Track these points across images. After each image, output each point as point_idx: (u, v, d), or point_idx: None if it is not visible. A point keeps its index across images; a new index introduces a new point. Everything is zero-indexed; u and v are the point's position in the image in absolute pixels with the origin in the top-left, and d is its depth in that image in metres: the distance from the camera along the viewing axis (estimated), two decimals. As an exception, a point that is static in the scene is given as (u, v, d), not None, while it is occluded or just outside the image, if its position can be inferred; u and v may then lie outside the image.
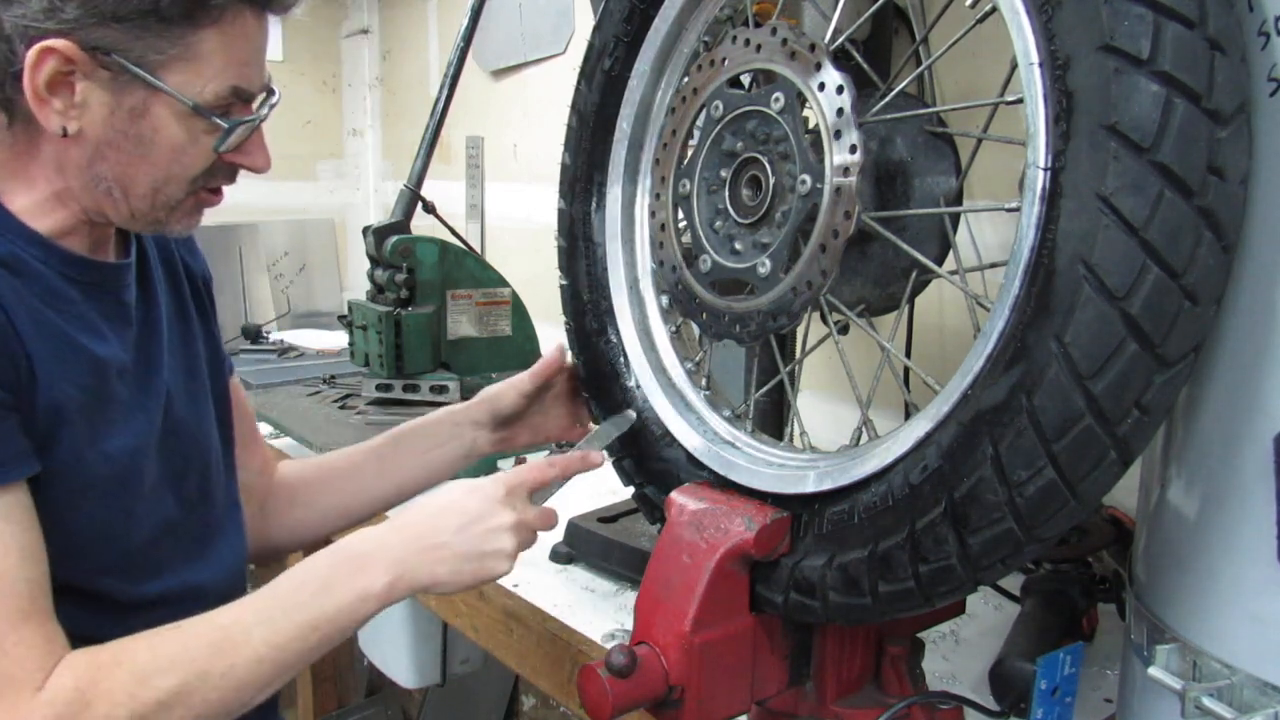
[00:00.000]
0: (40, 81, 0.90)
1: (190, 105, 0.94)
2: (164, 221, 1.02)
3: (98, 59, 0.90)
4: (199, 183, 1.01)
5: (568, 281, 1.26)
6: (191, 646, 0.88)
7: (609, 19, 1.19)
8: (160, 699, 0.85)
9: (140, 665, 0.86)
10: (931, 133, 1.02)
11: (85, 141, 0.94)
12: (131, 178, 0.97)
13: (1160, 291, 0.67)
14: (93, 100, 0.92)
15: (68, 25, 0.88)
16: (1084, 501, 0.72)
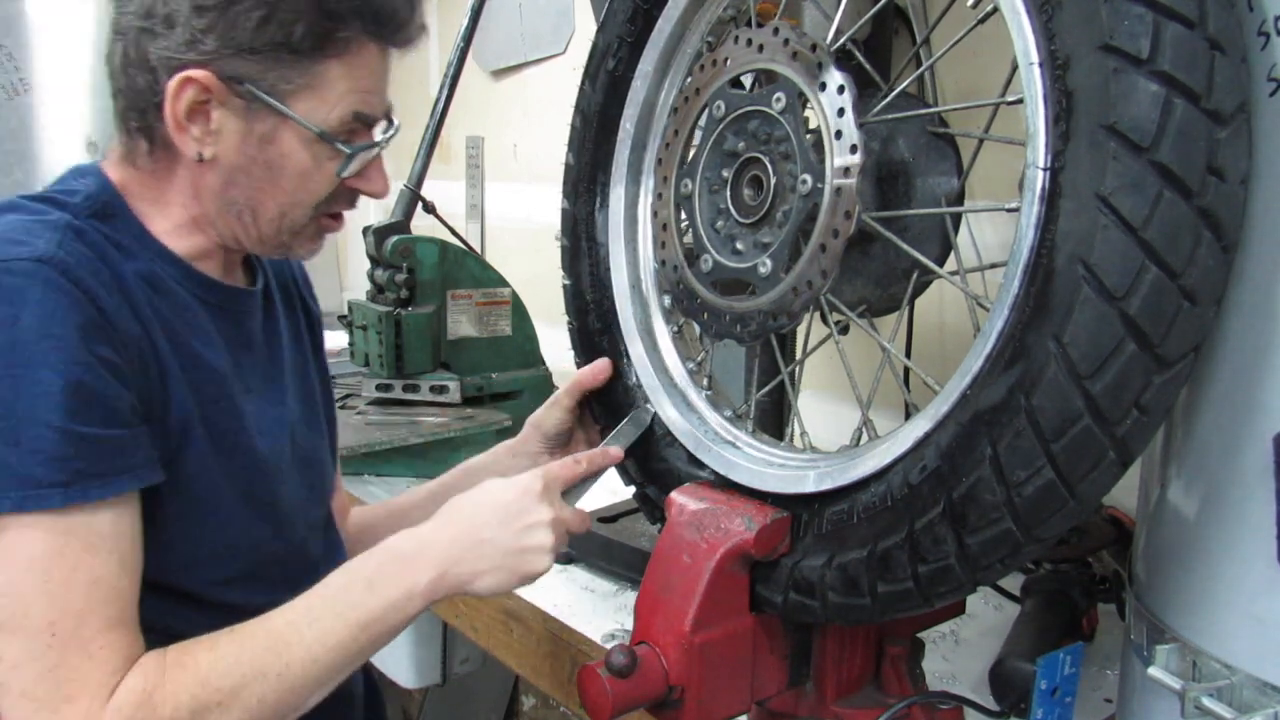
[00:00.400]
0: (180, 109, 0.95)
1: (316, 132, 0.99)
2: (289, 246, 1.08)
3: (232, 88, 0.96)
4: (322, 208, 1.06)
5: (571, 281, 1.26)
6: (249, 648, 0.91)
7: (613, 19, 1.19)
8: (220, 700, 0.88)
9: (202, 667, 0.89)
10: (933, 133, 1.02)
11: (219, 167, 0.99)
12: (261, 202, 1.02)
13: (1159, 292, 0.67)
14: (227, 127, 0.97)
15: (207, 56, 0.94)
16: (1083, 502, 0.72)
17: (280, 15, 0.94)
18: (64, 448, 0.85)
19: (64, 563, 0.85)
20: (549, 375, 2.40)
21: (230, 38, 0.94)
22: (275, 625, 0.93)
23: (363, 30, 0.99)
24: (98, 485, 0.87)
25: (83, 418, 0.86)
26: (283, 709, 0.92)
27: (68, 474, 0.85)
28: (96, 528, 0.87)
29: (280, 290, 1.23)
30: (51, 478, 0.84)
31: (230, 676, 0.89)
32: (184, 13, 0.94)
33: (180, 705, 0.86)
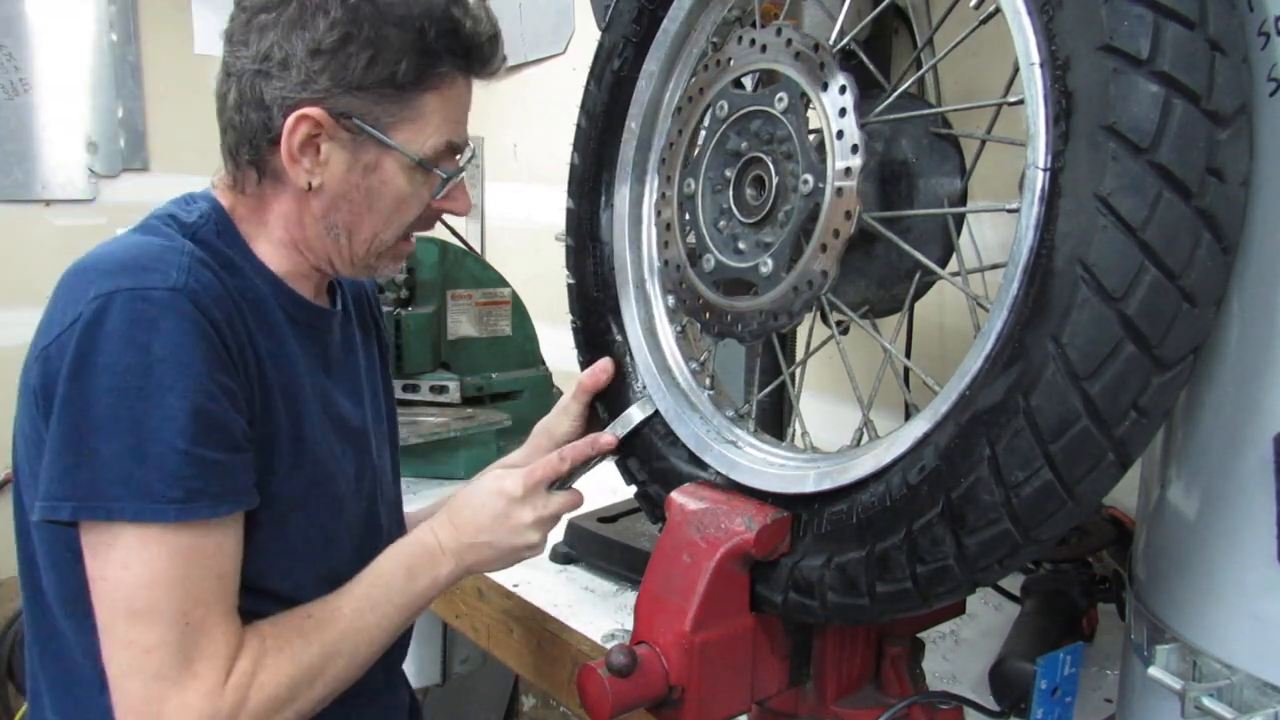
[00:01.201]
0: (295, 143, 1.04)
1: (415, 160, 1.08)
2: (375, 267, 1.17)
3: (341, 123, 1.05)
4: (410, 230, 1.16)
5: (575, 280, 1.26)
6: (328, 635, 1.06)
7: (618, 20, 1.20)
8: (309, 679, 1.03)
9: (296, 652, 1.03)
10: (935, 134, 1.02)
11: (324, 194, 1.08)
12: (358, 225, 1.11)
13: (1158, 292, 0.67)
14: (334, 159, 1.06)
15: (319, 95, 1.03)
16: (1082, 503, 0.72)
17: (385, 56, 1.02)
18: (184, 468, 0.93)
19: (197, 563, 0.95)
20: (549, 375, 2.40)
21: (341, 78, 1.02)
22: (345, 613, 1.08)
23: (455, 65, 1.08)
24: (208, 505, 0.96)
25: (203, 442, 0.95)
26: (348, 681, 1.08)
27: (183, 492, 0.93)
28: (207, 540, 0.97)
29: (355, 307, 1.32)
30: (170, 494, 0.93)
31: (316, 660, 1.04)
32: (299, 56, 1.02)
33: (280, 684, 1.00)
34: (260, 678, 0.99)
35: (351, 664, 1.08)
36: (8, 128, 3.35)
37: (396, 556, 1.14)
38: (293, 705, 1.02)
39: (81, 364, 0.92)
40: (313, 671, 1.03)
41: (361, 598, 1.09)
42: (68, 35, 3.43)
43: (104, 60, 3.49)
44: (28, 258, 3.39)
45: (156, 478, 0.92)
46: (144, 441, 0.92)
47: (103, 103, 3.49)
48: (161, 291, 0.94)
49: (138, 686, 0.94)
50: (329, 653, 1.05)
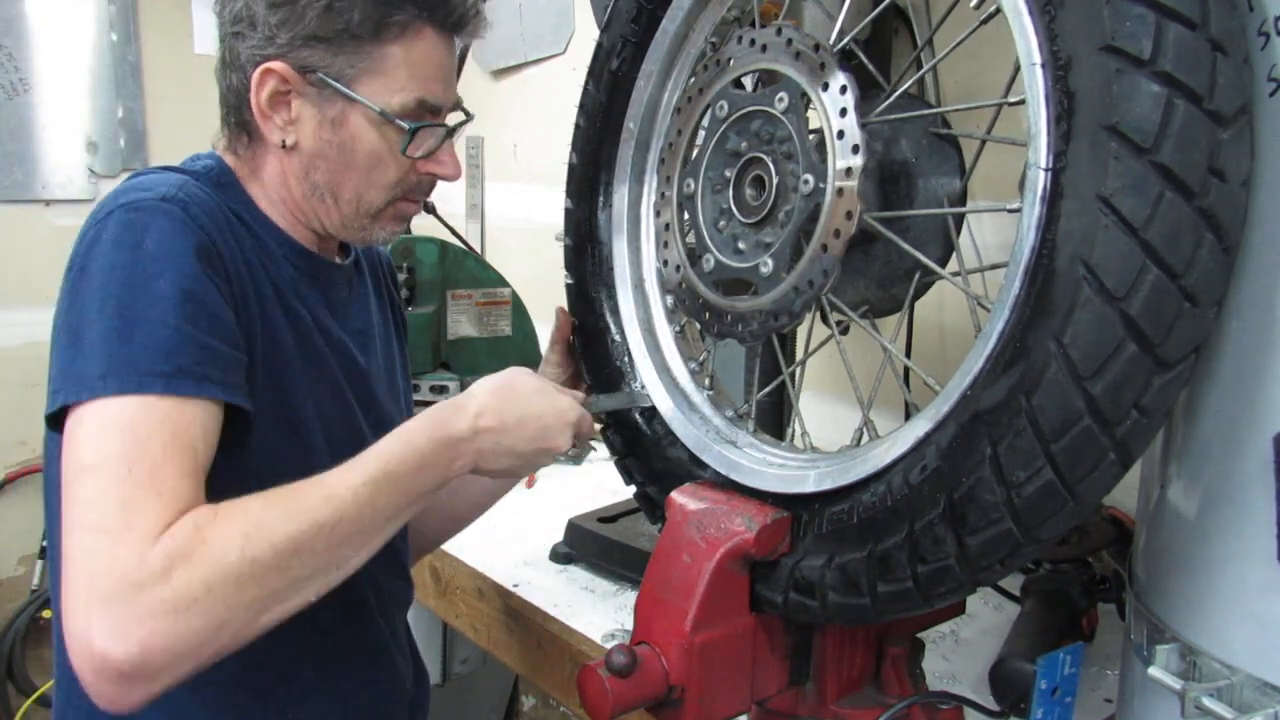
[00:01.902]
0: (263, 99, 1.06)
1: (376, 110, 1.07)
2: (369, 229, 1.16)
3: (306, 78, 1.06)
4: (396, 191, 1.13)
5: (574, 281, 1.26)
6: (302, 501, 0.92)
7: (617, 19, 1.20)
8: (270, 547, 0.88)
9: (255, 514, 0.90)
10: (935, 134, 1.02)
11: (300, 152, 1.10)
12: (339, 184, 1.11)
13: (1160, 292, 0.67)
14: (304, 115, 1.08)
15: (281, 49, 1.05)
16: (1083, 502, 0.72)
17: (338, 4, 1.03)
18: (172, 343, 0.92)
19: (150, 418, 0.90)
20: (549, 375, 2.39)
21: (298, 30, 1.03)
22: (333, 485, 0.94)
23: (417, 15, 1.06)
24: (192, 383, 0.92)
25: (191, 321, 0.94)
26: (330, 562, 0.94)
27: (171, 367, 0.91)
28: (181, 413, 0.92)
29: (370, 273, 1.32)
30: (156, 368, 0.91)
31: (285, 524, 0.90)
32: (260, 13, 1.04)
33: (230, 544, 0.86)
34: (206, 533, 0.86)
35: (332, 543, 0.92)
36: (8, 128, 3.35)
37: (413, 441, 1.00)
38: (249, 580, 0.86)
39: (80, 273, 0.95)
40: (279, 539, 0.88)
41: (356, 475, 0.96)
42: (68, 35, 3.43)
43: (104, 60, 3.49)
44: (28, 258, 3.39)
45: (142, 354, 0.90)
46: (131, 324, 0.91)
47: (103, 103, 3.49)
48: (152, 200, 0.97)
49: (74, 543, 0.85)
50: (304, 523, 0.90)
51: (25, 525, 3.50)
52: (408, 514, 1.01)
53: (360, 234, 1.16)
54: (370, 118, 1.08)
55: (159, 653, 0.81)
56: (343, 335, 1.20)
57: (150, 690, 0.83)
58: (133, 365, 0.90)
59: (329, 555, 0.93)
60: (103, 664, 0.81)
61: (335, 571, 0.94)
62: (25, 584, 3.50)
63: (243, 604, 0.86)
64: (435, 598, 1.74)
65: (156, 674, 0.82)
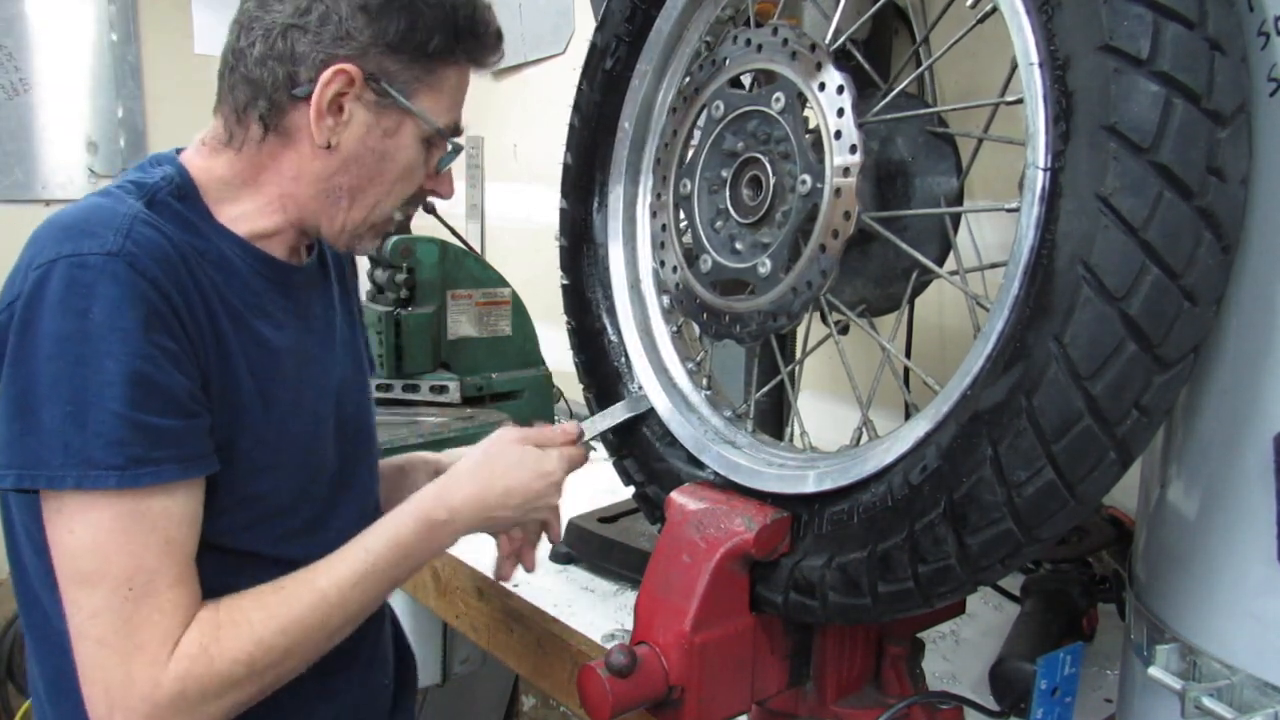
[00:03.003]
0: (326, 97, 1.05)
1: (435, 128, 1.11)
2: (363, 238, 1.17)
3: (370, 85, 1.06)
4: (405, 203, 1.17)
5: (570, 281, 1.26)
6: (297, 609, 1.01)
7: (611, 19, 1.19)
8: (272, 658, 0.98)
9: (256, 628, 0.98)
10: (932, 133, 1.02)
11: (336, 155, 1.09)
12: (363, 190, 1.11)
13: (1159, 292, 0.67)
14: (356, 119, 1.07)
15: (356, 51, 1.05)
16: (1083, 502, 0.72)
17: (421, 24, 1.06)
18: (123, 434, 0.92)
19: (140, 528, 0.93)
20: (549, 375, 2.40)
21: (380, 37, 1.05)
22: (321, 587, 1.03)
23: (470, 50, 1.12)
24: (151, 471, 0.94)
25: (142, 407, 0.93)
26: (320, 653, 1.05)
27: (124, 459, 0.92)
28: (152, 505, 0.95)
29: (334, 265, 1.31)
30: (110, 461, 0.92)
31: (283, 636, 0.99)
32: (343, 12, 1.04)
33: (238, 662, 0.96)
34: (212, 651, 0.95)
35: (324, 640, 1.04)
36: (8, 128, 3.35)
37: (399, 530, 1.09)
38: (254, 681, 0.98)
39: (24, 331, 0.94)
40: (278, 652, 0.99)
41: (344, 570, 1.05)
42: (68, 35, 3.43)
43: (104, 60, 3.49)
44: (27, 258, 3.38)
45: (97, 445, 0.91)
46: (83, 408, 0.92)
47: (103, 103, 3.50)
48: (98, 257, 0.94)
49: (86, 652, 0.93)
50: (298, 626, 1.00)
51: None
52: (391, 591, 1.10)
53: (352, 241, 1.16)
54: (420, 132, 1.11)
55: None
56: (309, 340, 1.19)
57: None
58: (87, 458, 0.91)
59: (323, 646, 1.04)
60: None
61: (324, 651, 1.05)
62: (26, 584, 3.50)
63: (246, 699, 0.99)
64: (435, 598, 1.74)
65: None
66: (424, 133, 1.11)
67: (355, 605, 1.05)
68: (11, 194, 3.38)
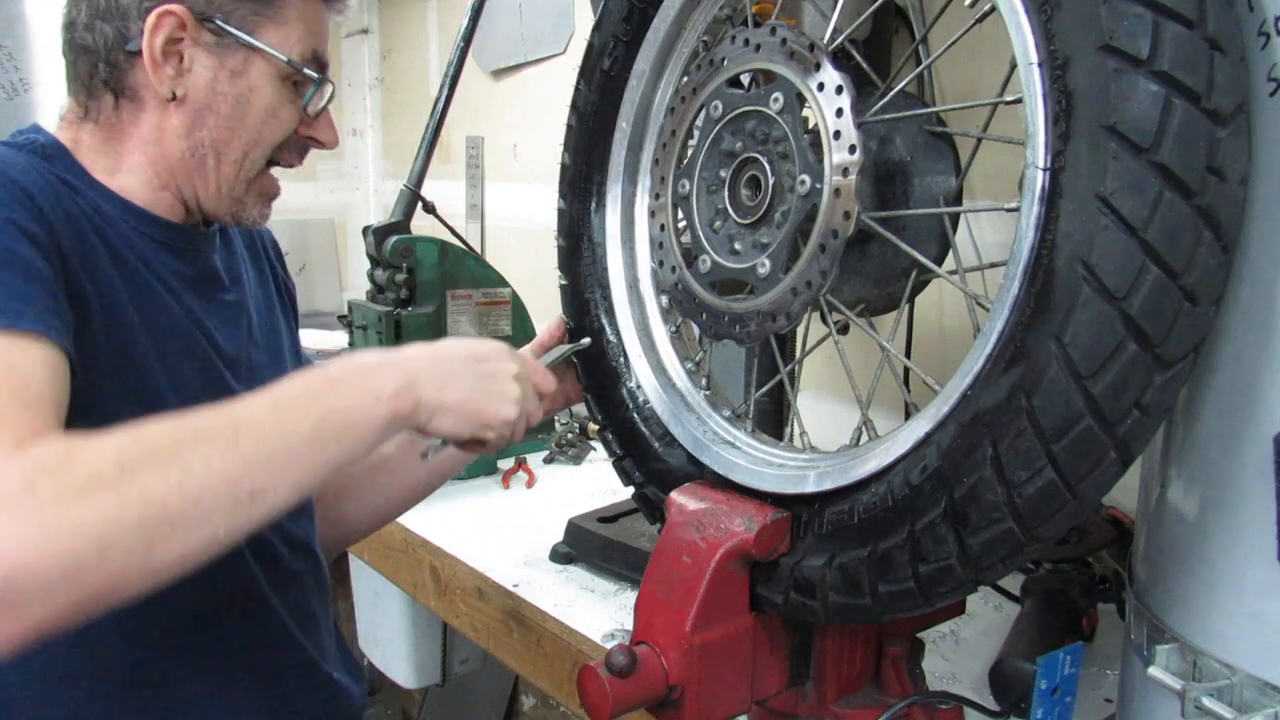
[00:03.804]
0: (157, 45, 1.00)
1: (285, 60, 1.05)
2: (243, 202, 1.10)
3: (205, 25, 1.02)
4: (278, 152, 1.10)
5: (568, 281, 1.26)
6: (194, 420, 0.79)
7: (608, 18, 1.19)
8: (152, 452, 0.75)
9: (138, 429, 0.77)
10: (931, 132, 1.02)
11: (187, 107, 1.04)
12: (227, 141, 1.06)
13: (1159, 292, 0.67)
14: (198, 65, 1.03)
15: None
16: (1084, 502, 0.72)
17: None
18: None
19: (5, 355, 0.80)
20: (549, 375, 2.39)
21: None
22: (231, 410, 0.81)
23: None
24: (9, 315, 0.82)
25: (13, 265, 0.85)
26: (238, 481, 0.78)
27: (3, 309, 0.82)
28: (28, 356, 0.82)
29: (248, 249, 1.25)
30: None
31: (168, 436, 0.76)
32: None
33: (104, 453, 0.73)
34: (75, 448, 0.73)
35: (235, 455, 0.77)
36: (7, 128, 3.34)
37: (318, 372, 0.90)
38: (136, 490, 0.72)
39: None
40: (160, 447, 0.75)
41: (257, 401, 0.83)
42: (67, 36, 3.42)
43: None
44: (27, 258, 3.39)
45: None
46: None
47: (102, 103, 3.49)
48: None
49: None
50: (194, 434, 0.77)
51: None
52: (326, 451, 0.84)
53: (232, 206, 1.10)
54: (275, 68, 1.05)
55: (22, 572, 0.66)
56: (207, 308, 1.11)
57: (21, 623, 0.68)
58: None
59: (230, 474, 0.77)
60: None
61: (248, 504, 0.78)
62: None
63: (128, 523, 0.71)
64: (435, 598, 1.74)
65: (23, 600, 0.67)
66: (278, 69, 1.05)
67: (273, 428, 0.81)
68: (11, 194, 3.38)
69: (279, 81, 1.06)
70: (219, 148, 1.06)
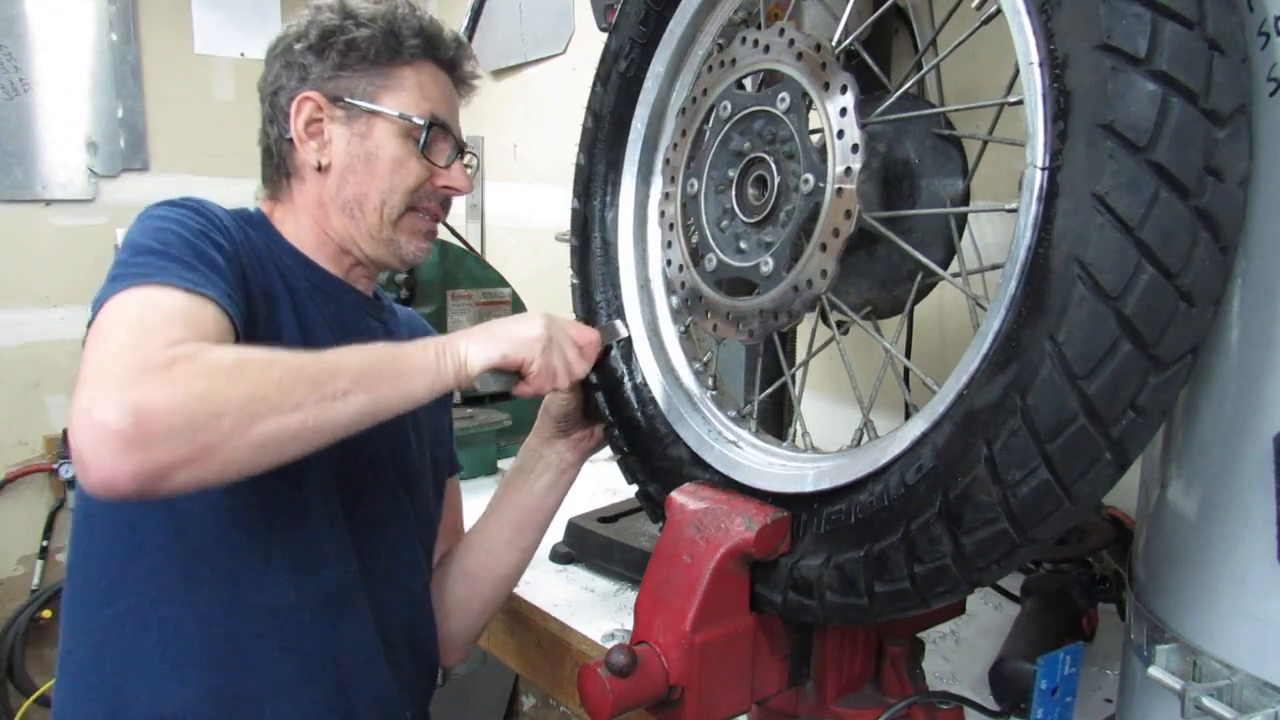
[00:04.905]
0: (300, 126, 1.24)
1: (396, 114, 1.24)
2: (396, 242, 1.28)
3: (336, 105, 1.24)
4: (414, 197, 1.27)
5: (579, 280, 1.27)
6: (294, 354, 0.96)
7: (625, 21, 1.20)
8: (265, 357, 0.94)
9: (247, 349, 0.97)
10: (937, 134, 1.02)
11: (333, 172, 1.25)
12: (365, 194, 1.25)
13: (1154, 292, 0.67)
14: (335, 136, 1.25)
15: (315, 84, 1.24)
16: (1079, 503, 0.72)
17: (360, 42, 1.23)
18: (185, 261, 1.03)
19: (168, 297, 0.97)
20: (549, 375, 2.39)
21: (327, 63, 1.23)
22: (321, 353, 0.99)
23: (420, 47, 1.27)
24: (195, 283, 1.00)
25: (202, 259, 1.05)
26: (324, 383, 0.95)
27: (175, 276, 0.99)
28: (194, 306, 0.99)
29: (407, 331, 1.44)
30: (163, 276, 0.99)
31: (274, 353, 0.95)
32: (296, 60, 1.24)
33: (226, 354, 0.93)
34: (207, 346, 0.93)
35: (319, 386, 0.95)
36: (8, 128, 3.35)
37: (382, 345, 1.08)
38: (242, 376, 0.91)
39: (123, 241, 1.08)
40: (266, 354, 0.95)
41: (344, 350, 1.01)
42: (68, 35, 3.43)
43: (104, 60, 3.49)
44: (28, 258, 3.39)
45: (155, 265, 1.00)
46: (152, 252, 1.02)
47: (103, 103, 3.50)
48: (171, 200, 1.14)
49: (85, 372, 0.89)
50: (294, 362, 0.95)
51: (25, 525, 3.50)
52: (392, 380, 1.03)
53: (389, 247, 1.28)
54: (391, 125, 1.24)
55: (151, 415, 0.84)
56: None
57: (145, 459, 0.84)
58: (149, 274, 0.98)
59: (319, 378, 0.95)
60: (99, 429, 0.83)
61: (331, 402, 0.95)
62: (25, 584, 3.51)
63: (236, 399, 0.89)
64: (435, 598, 1.74)
65: (150, 439, 0.83)
66: (396, 126, 1.24)
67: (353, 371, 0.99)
68: (11, 194, 3.38)
69: (400, 138, 1.24)
70: (360, 200, 1.25)
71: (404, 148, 1.25)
